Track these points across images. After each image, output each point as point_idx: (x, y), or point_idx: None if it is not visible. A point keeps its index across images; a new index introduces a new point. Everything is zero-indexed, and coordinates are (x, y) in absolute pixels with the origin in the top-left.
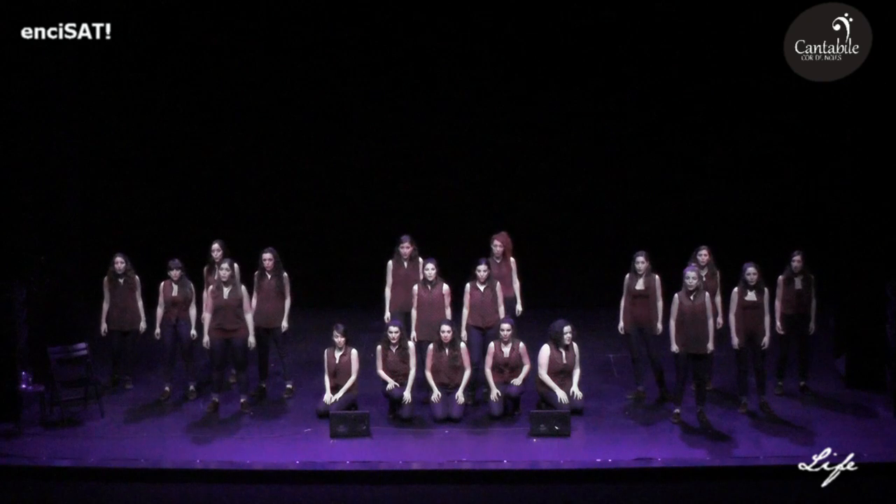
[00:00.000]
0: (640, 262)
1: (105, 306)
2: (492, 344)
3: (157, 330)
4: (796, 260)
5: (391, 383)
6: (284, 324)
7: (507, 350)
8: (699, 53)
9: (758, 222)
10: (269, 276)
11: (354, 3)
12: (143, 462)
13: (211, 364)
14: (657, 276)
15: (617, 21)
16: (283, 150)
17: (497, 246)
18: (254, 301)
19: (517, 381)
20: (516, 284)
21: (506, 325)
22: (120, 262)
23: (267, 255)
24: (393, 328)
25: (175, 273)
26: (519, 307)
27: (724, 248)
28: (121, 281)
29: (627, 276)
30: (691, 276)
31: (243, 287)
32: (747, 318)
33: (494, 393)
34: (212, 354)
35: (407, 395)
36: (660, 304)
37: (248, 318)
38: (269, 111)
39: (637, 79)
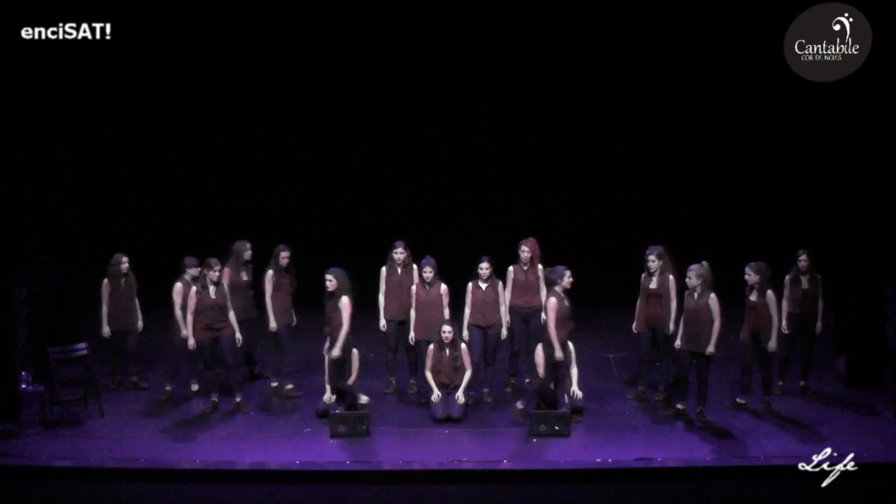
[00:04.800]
0: (651, 260)
1: (105, 308)
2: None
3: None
4: (802, 259)
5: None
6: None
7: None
8: (699, 53)
9: (758, 222)
10: (286, 274)
11: (355, 4)
12: (143, 462)
13: (203, 365)
14: (671, 276)
15: (618, 21)
16: (282, 150)
17: (525, 252)
18: (267, 298)
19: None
20: (543, 293)
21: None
22: (125, 263)
23: (284, 254)
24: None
25: (195, 272)
26: (543, 316)
27: (724, 248)
28: (123, 281)
29: (643, 275)
30: (689, 274)
31: (225, 285)
32: (750, 319)
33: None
34: (202, 354)
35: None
36: (673, 303)
37: (232, 315)
38: (269, 111)
39: (637, 79)
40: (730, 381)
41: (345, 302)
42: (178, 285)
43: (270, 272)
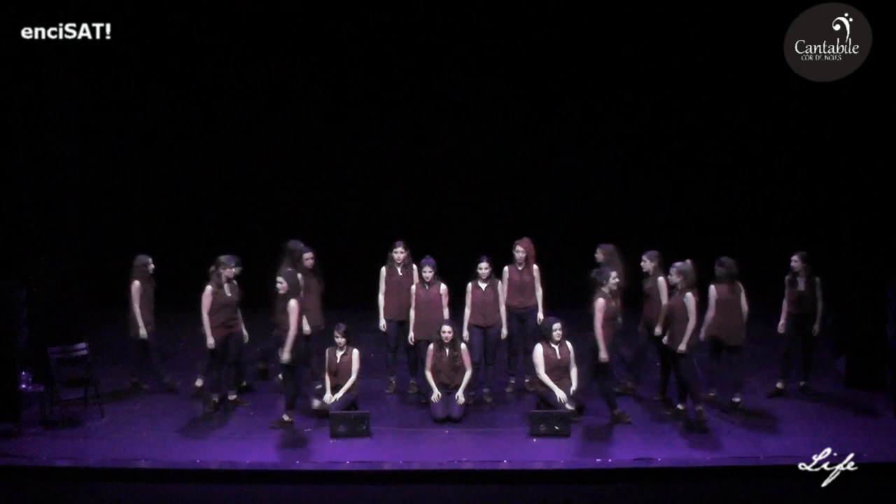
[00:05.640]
0: (643, 261)
1: (138, 309)
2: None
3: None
4: (794, 261)
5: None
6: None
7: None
8: (699, 53)
9: (758, 222)
10: (312, 276)
11: (354, 4)
12: (143, 462)
13: (212, 363)
14: (661, 278)
15: (617, 22)
16: (283, 150)
17: (520, 252)
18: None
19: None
20: (539, 293)
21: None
22: (152, 264)
23: (308, 254)
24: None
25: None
26: (540, 315)
27: (723, 248)
28: (150, 283)
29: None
30: (671, 272)
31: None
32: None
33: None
34: (215, 353)
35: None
36: (664, 304)
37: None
38: (269, 111)
39: (637, 79)
40: (730, 380)
41: (293, 305)
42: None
43: (298, 276)
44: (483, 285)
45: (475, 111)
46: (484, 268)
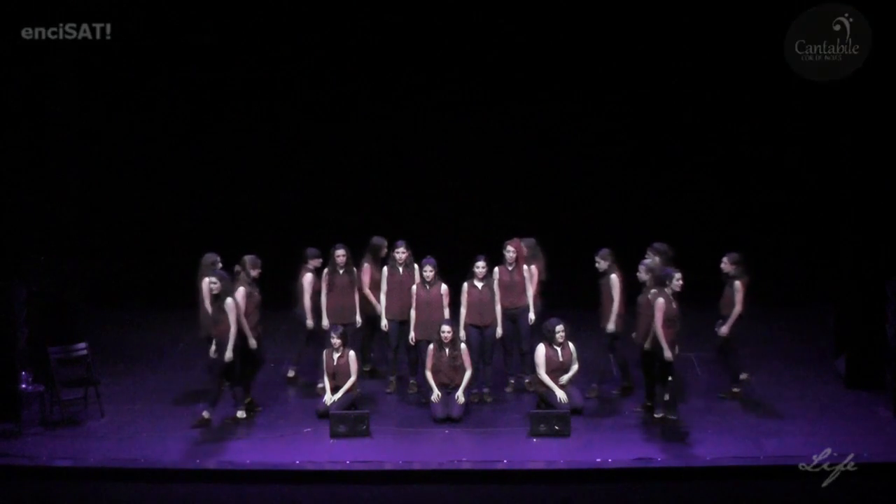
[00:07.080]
0: (597, 262)
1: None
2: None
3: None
4: (723, 262)
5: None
6: (358, 318)
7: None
8: (699, 53)
9: (757, 222)
10: (342, 272)
11: (354, 5)
12: (143, 462)
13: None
14: (612, 276)
15: (617, 22)
16: (282, 151)
17: (510, 252)
18: (323, 298)
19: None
20: (530, 293)
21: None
22: (220, 262)
23: (340, 252)
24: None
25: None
26: (532, 316)
27: (723, 248)
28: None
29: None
30: (640, 269)
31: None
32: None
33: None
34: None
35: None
36: (614, 305)
37: None
38: (270, 111)
39: (636, 79)
40: (718, 382)
41: (230, 304)
42: (309, 276)
43: (325, 271)
44: (480, 284)
45: (475, 111)
46: (481, 267)
